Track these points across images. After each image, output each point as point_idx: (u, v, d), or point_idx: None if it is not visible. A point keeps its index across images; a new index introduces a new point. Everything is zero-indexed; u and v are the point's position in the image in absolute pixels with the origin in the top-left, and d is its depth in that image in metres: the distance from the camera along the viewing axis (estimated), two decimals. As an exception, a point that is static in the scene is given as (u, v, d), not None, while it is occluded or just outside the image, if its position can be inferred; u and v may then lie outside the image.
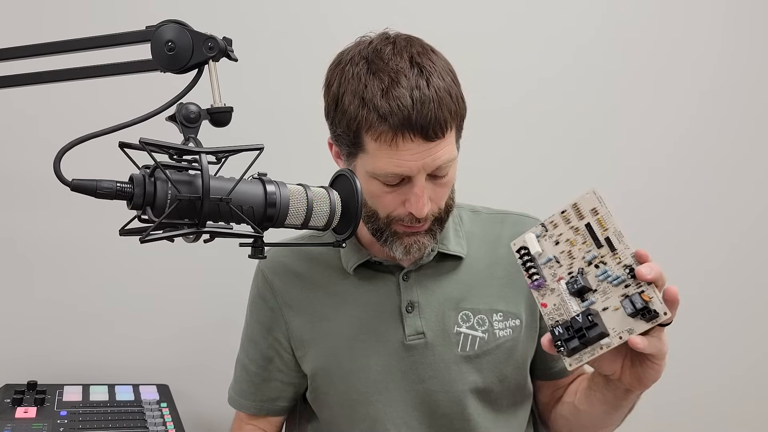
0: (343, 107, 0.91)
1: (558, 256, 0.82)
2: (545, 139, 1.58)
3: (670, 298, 0.74)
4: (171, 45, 0.76)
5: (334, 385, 1.04)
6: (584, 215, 0.81)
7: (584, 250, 0.80)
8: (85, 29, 0.83)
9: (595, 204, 0.80)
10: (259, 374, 1.09)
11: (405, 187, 0.92)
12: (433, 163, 0.90)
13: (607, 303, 0.78)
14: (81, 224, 1.32)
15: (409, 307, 1.01)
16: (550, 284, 0.83)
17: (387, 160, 0.89)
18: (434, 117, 0.88)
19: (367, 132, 0.89)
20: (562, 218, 0.83)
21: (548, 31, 1.58)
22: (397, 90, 0.88)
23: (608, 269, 0.78)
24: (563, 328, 0.79)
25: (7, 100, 1.20)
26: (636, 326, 0.75)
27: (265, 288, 1.08)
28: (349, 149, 0.94)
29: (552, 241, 0.83)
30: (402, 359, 1.01)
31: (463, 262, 1.04)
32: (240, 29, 1.03)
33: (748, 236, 1.73)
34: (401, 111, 0.87)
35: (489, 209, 1.12)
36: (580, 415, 1.01)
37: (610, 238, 0.79)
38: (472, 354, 1.01)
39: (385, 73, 0.89)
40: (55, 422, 1.05)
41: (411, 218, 0.94)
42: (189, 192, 0.71)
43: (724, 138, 1.70)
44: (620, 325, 0.76)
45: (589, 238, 0.80)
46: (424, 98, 0.88)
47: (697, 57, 1.67)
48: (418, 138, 0.88)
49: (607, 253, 0.79)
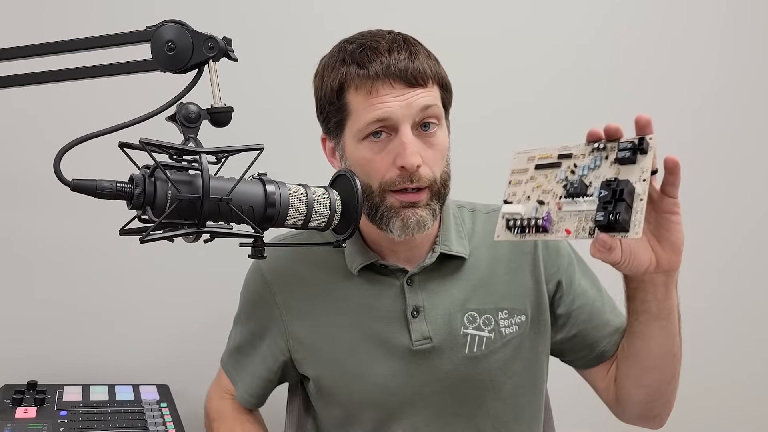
0: (327, 75, 0.96)
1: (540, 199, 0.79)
2: (546, 139, 1.58)
3: (643, 123, 0.74)
4: (171, 45, 0.77)
5: (338, 390, 1.03)
6: (527, 168, 0.81)
7: (551, 178, 0.79)
8: (84, 29, 0.83)
9: (525, 156, 0.81)
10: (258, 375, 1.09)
11: (393, 143, 0.92)
12: (416, 103, 0.91)
13: (608, 177, 0.74)
14: (81, 224, 1.32)
15: (415, 312, 1.00)
16: (554, 217, 0.77)
17: (369, 107, 0.91)
18: (412, 64, 0.92)
19: (349, 88, 0.93)
20: (514, 182, 0.82)
21: (549, 32, 1.58)
22: (374, 44, 0.94)
23: (582, 163, 0.77)
24: (599, 211, 0.72)
25: (7, 100, 1.20)
26: (645, 163, 0.73)
27: (264, 289, 1.07)
28: (337, 119, 0.96)
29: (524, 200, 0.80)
30: (409, 364, 1.00)
31: (466, 262, 1.03)
32: (240, 29, 1.03)
33: (751, 237, 1.73)
34: (379, 58, 0.92)
35: (487, 207, 1.11)
36: (640, 359, 0.96)
37: (561, 153, 0.79)
38: (480, 354, 1.00)
39: (361, 40, 0.96)
40: (55, 422, 1.05)
41: (404, 177, 0.92)
42: (189, 192, 0.71)
43: (726, 139, 1.70)
44: (634, 174, 0.73)
45: (547, 170, 0.80)
46: (400, 48, 0.93)
47: (698, 58, 1.67)
48: (398, 83, 0.91)
49: (570, 161, 0.79)
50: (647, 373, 0.98)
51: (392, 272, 1.02)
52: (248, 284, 1.11)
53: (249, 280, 1.11)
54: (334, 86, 0.94)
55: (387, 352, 1.01)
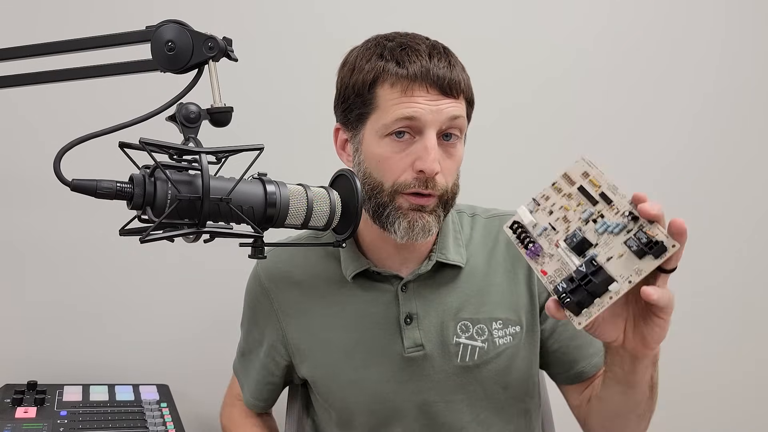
0: (360, 67, 0.95)
1: (553, 223, 0.78)
2: (547, 140, 1.58)
3: (677, 230, 0.67)
4: (171, 45, 0.76)
5: (332, 395, 1.03)
6: (575, 181, 0.77)
7: (579, 211, 0.76)
8: (84, 29, 0.83)
9: (586, 168, 0.77)
10: (260, 380, 1.10)
11: (415, 145, 0.92)
12: (446, 112, 0.91)
13: (610, 252, 0.72)
14: (81, 224, 1.32)
15: (408, 319, 1.00)
16: (547, 251, 0.78)
17: (400, 105, 0.91)
18: (450, 74, 0.92)
19: (383, 83, 0.92)
20: (554, 189, 0.79)
21: (550, 32, 1.57)
22: (415, 46, 0.93)
23: (607, 220, 0.73)
24: (566, 282, 0.73)
25: (7, 101, 1.20)
26: (644, 266, 0.69)
27: (262, 294, 1.07)
28: (361, 111, 0.95)
29: (545, 212, 0.79)
30: (401, 371, 1.00)
31: (462, 271, 1.02)
32: (240, 29, 1.03)
33: (754, 238, 1.73)
34: (419, 61, 0.91)
35: (487, 212, 1.10)
36: (603, 405, 0.96)
37: (605, 192, 0.74)
38: (472, 364, 1.00)
39: (400, 39, 0.95)
40: (55, 422, 1.05)
41: (419, 182, 0.92)
42: (189, 192, 0.71)
43: (727, 140, 1.70)
44: (627, 270, 0.70)
45: (583, 198, 0.76)
46: (440, 56, 0.93)
47: (700, 59, 1.67)
48: (433, 89, 0.91)
49: (604, 207, 0.74)
50: (610, 421, 0.98)
51: (386, 279, 1.01)
52: (248, 290, 1.11)
53: (249, 286, 1.11)
54: (367, 79, 0.93)
55: (380, 358, 1.00)
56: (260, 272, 1.08)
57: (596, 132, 1.61)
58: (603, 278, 0.70)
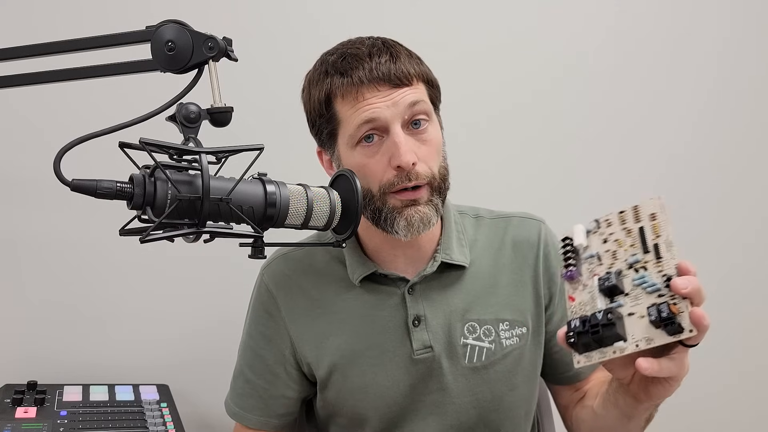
0: (313, 89, 0.97)
1: (602, 254, 0.79)
2: (548, 141, 1.58)
3: (695, 320, 0.68)
4: (171, 45, 0.76)
5: (341, 400, 1.03)
6: (641, 219, 0.77)
7: (630, 252, 0.76)
8: (84, 29, 0.83)
9: (656, 210, 0.76)
10: (267, 390, 1.06)
11: (386, 145, 0.93)
12: (402, 101, 0.91)
13: (634, 309, 0.73)
14: (81, 224, 1.32)
15: (416, 321, 1.00)
16: (584, 279, 0.79)
17: (357, 112, 0.92)
18: (394, 66, 0.92)
19: (336, 97, 0.94)
20: (619, 218, 0.79)
21: (550, 33, 1.57)
22: (355, 51, 0.94)
23: (646, 275, 0.74)
24: (580, 321, 0.74)
25: (6, 101, 1.20)
26: (657, 337, 0.70)
27: (270, 301, 1.06)
28: (329, 130, 0.96)
29: (601, 238, 0.80)
30: (410, 373, 1.00)
31: (467, 271, 1.02)
32: (240, 29, 1.03)
33: (756, 238, 1.73)
34: (361, 64, 0.92)
35: (492, 213, 1.10)
36: (598, 420, 0.96)
37: (659, 245, 0.74)
38: (480, 365, 1.00)
39: (342, 49, 0.96)
40: (55, 422, 1.05)
41: (401, 177, 0.92)
42: (189, 192, 0.71)
43: (729, 140, 1.70)
44: (640, 333, 0.71)
45: (638, 241, 0.76)
46: (381, 52, 0.94)
47: (700, 59, 1.67)
48: (383, 86, 0.92)
49: (652, 260, 0.74)
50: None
51: (393, 281, 1.01)
52: (255, 298, 1.09)
53: (255, 295, 1.09)
54: (321, 98, 0.95)
55: (389, 362, 1.00)
56: (266, 279, 1.07)
57: (596, 132, 1.61)
58: (612, 333, 0.72)
